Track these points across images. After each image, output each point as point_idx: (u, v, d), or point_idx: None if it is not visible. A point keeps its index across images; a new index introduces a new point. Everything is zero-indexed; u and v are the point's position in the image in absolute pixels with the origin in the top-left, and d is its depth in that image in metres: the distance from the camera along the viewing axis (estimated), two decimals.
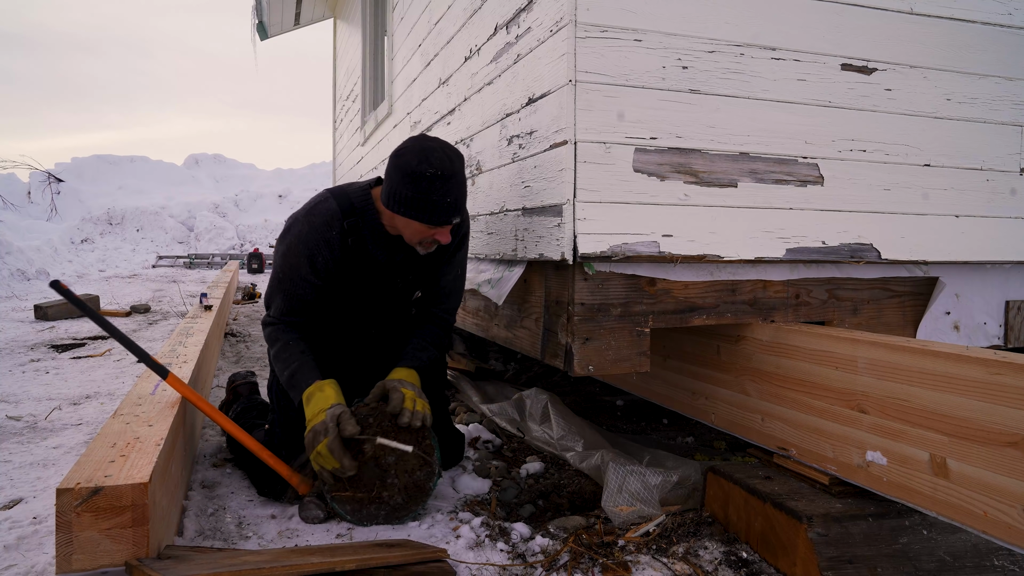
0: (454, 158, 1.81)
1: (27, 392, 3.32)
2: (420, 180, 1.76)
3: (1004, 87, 2.15)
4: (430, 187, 1.77)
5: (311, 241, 1.93)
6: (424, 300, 2.17)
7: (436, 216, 1.81)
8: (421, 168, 1.76)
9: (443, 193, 1.78)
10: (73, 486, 1.31)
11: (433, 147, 1.80)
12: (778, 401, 1.80)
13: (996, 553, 1.51)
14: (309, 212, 1.97)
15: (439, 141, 1.84)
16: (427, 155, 1.78)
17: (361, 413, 1.85)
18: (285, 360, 1.93)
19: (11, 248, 9.18)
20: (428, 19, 3.14)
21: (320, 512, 1.83)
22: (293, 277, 1.95)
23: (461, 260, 2.15)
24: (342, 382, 2.09)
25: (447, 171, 1.77)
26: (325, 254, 1.94)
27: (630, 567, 1.59)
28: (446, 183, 1.78)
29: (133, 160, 18.11)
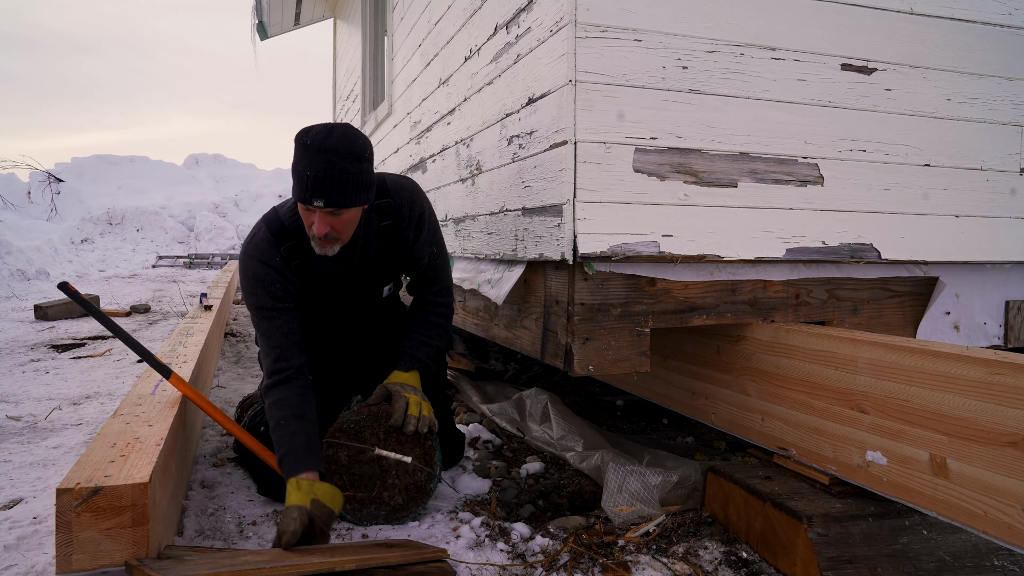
0: (336, 134, 1.67)
1: (27, 392, 3.32)
2: (297, 149, 1.68)
3: (1004, 87, 2.15)
4: (301, 156, 1.67)
5: (260, 275, 1.86)
6: (411, 286, 2.13)
7: (298, 190, 1.68)
8: (300, 137, 1.68)
9: (305, 164, 1.66)
10: (73, 486, 1.31)
11: (325, 124, 1.70)
12: (778, 401, 1.80)
13: (996, 553, 1.51)
14: (247, 248, 1.90)
15: (343, 124, 1.73)
16: (312, 127, 1.69)
17: (363, 415, 1.85)
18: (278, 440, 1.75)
19: (11, 248, 9.18)
20: (428, 19, 3.14)
21: None
22: (263, 313, 1.87)
23: (429, 241, 2.04)
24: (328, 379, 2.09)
25: (316, 143, 1.65)
26: (279, 280, 1.87)
27: (630, 567, 1.59)
28: (312, 155, 1.65)
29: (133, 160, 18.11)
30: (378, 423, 1.84)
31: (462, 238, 2.64)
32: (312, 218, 1.74)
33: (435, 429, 1.88)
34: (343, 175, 1.67)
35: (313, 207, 1.69)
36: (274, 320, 1.87)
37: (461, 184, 2.66)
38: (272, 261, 1.87)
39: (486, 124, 2.33)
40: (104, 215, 14.37)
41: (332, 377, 2.11)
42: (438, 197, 3.02)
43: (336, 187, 1.67)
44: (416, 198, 2.01)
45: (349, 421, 1.84)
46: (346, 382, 2.14)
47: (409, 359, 2.01)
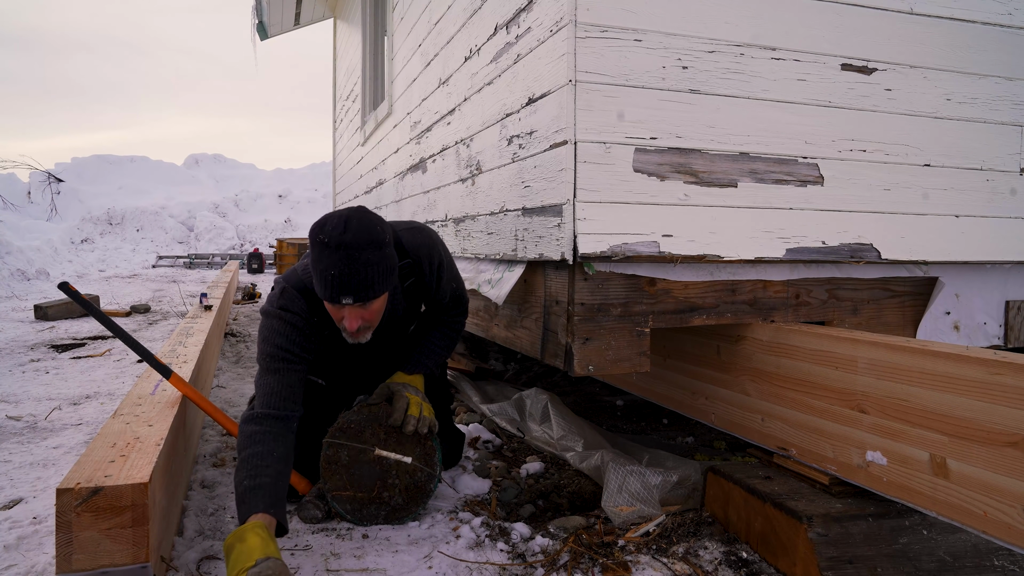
0: (352, 227, 1.60)
1: (27, 392, 3.32)
2: (314, 246, 1.62)
3: (1004, 87, 2.15)
4: (320, 255, 1.61)
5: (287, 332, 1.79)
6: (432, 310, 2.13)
7: (322, 288, 1.64)
8: (316, 232, 1.62)
9: (328, 264, 1.60)
10: (73, 486, 1.31)
11: (338, 214, 1.64)
12: (778, 401, 1.80)
13: (996, 553, 1.51)
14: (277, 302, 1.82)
15: (357, 210, 1.67)
16: (324, 221, 1.63)
17: (363, 414, 1.85)
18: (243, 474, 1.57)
19: (11, 248, 9.18)
20: (428, 19, 3.14)
21: (319, 512, 1.83)
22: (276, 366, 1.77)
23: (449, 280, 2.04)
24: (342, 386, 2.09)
25: (334, 241, 1.59)
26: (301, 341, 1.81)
27: (630, 567, 1.59)
28: (332, 253, 1.59)
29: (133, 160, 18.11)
30: (378, 423, 1.85)
31: (462, 238, 2.64)
32: (341, 313, 1.70)
33: (435, 430, 1.88)
34: (367, 268, 1.62)
35: (342, 304, 1.66)
36: (281, 375, 1.78)
37: (461, 184, 2.66)
38: (300, 324, 1.80)
39: (486, 124, 2.33)
40: (104, 215, 14.36)
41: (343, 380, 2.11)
42: (438, 197, 3.02)
43: (362, 282, 1.63)
44: (434, 251, 1.98)
45: (350, 421, 1.84)
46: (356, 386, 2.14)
47: (416, 364, 2.02)
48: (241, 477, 1.55)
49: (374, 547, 1.69)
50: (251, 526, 1.42)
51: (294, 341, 1.78)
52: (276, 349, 1.78)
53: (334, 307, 1.69)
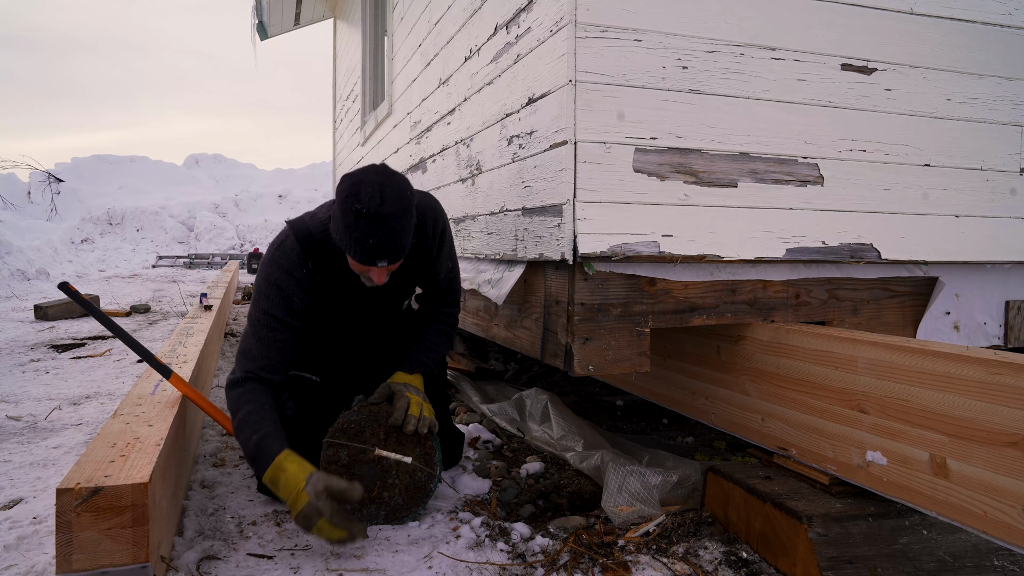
0: (387, 197, 1.66)
1: (27, 392, 3.32)
2: (347, 213, 1.66)
3: (1004, 87, 2.15)
4: (355, 223, 1.66)
5: (283, 283, 1.86)
6: (424, 296, 2.16)
7: (360, 255, 1.70)
8: (349, 202, 1.66)
9: (366, 232, 1.66)
10: (73, 486, 1.31)
11: (370, 181, 1.68)
12: (778, 401, 1.80)
13: (996, 553, 1.51)
14: (275, 254, 1.89)
15: (386, 175, 1.71)
16: (358, 189, 1.66)
17: (363, 414, 1.85)
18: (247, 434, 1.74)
19: (11, 248, 9.18)
20: (428, 19, 3.14)
21: None
22: (271, 324, 1.86)
23: (447, 256, 2.08)
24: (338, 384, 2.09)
25: (373, 210, 1.64)
26: (299, 294, 1.87)
27: (630, 567, 1.59)
28: (371, 223, 1.65)
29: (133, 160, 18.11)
30: (378, 423, 1.85)
31: (462, 238, 2.64)
32: (366, 269, 1.77)
33: (435, 430, 1.88)
34: (402, 234, 1.71)
35: (377, 267, 1.73)
36: (277, 333, 1.86)
37: (461, 184, 2.66)
38: (298, 273, 1.86)
39: (486, 124, 2.33)
40: (104, 215, 14.36)
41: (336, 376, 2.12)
42: (438, 197, 3.02)
43: (398, 246, 1.72)
44: (439, 215, 2.03)
45: (350, 421, 1.84)
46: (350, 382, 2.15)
47: (415, 363, 2.02)
48: (248, 435, 1.72)
49: (374, 547, 1.69)
50: (285, 455, 1.67)
51: (281, 305, 1.86)
52: (263, 315, 1.86)
53: (363, 265, 1.76)
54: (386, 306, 2.08)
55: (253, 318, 1.88)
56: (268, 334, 1.86)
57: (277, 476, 1.65)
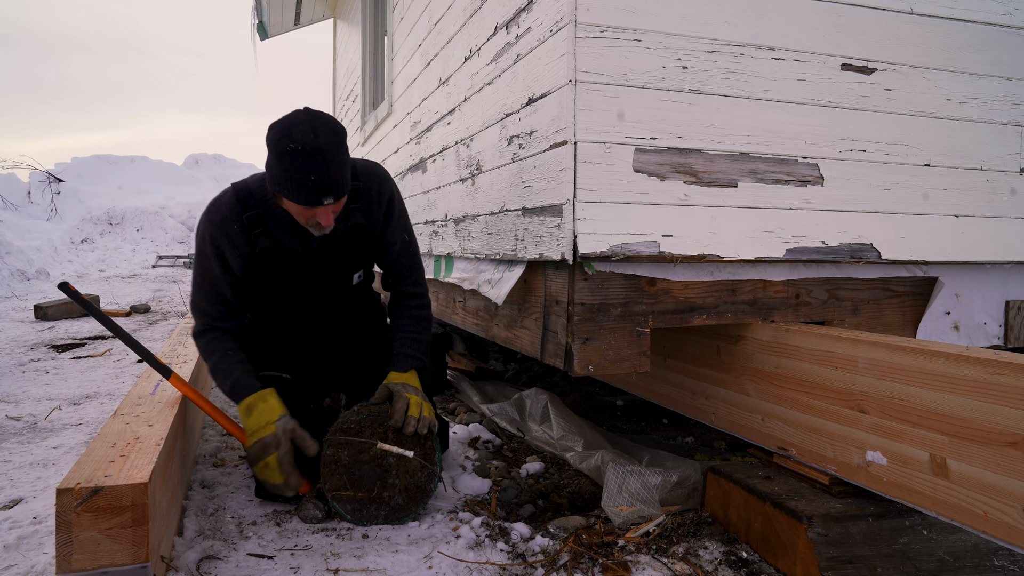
0: (320, 132, 1.66)
1: (27, 392, 3.32)
2: (283, 156, 1.67)
3: (1004, 87, 2.15)
4: (293, 163, 1.66)
5: (216, 239, 1.87)
6: (386, 280, 2.13)
7: (302, 195, 1.69)
8: (283, 143, 1.66)
9: (306, 170, 1.65)
10: (73, 486, 1.31)
11: (299, 120, 1.68)
12: (778, 401, 1.80)
13: (996, 553, 1.51)
14: (209, 211, 1.91)
15: (312, 113, 1.72)
16: (289, 130, 1.66)
17: (363, 414, 1.85)
18: (224, 371, 1.87)
19: (11, 248, 9.19)
20: (428, 19, 3.14)
21: (318, 512, 1.83)
22: (211, 280, 1.90)
23: (399, 227, 2.06)
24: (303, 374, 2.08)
25: (309, 146, 1.64)
26: (231, 251, 1.88)
27: (630, 567, 1.59)
28: (309, 160, 1.65)
29: (133, 160, 18.10)
30: (378, 423, 1.85)
31: (462, 238, 2.64)
32: (312, 213, 1.77)
33: (435, 430, 1.88)
34: (341, 166, 1.72)
35: (324, 205, 1.73)
36: (218, 288, 1.92)
37: (461, 184, 2.66)
38: (231, 228, 1.87)
39: (486, 124, 2.33)
40: (104, 215, 14.36)
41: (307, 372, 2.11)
42: (438, 197, 3.02)
43: (339, 181, 1.73)
44: (385, 183, 2.03)
45: (349, 421, 1.84)
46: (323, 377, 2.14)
47: (404, 358, 2.01)
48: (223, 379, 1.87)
49: (374, 547, 1.69)
50: (269, 392, 1.81)
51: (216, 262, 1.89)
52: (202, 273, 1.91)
53: (309, 209, 1.76)
54: (331, 276, 2.03)
55: (195, 276, 1.94)
56: (211, 291, 1.93)
57: (256, 403, 1.78)
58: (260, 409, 1.78)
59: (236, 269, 1.90)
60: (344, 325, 2.14)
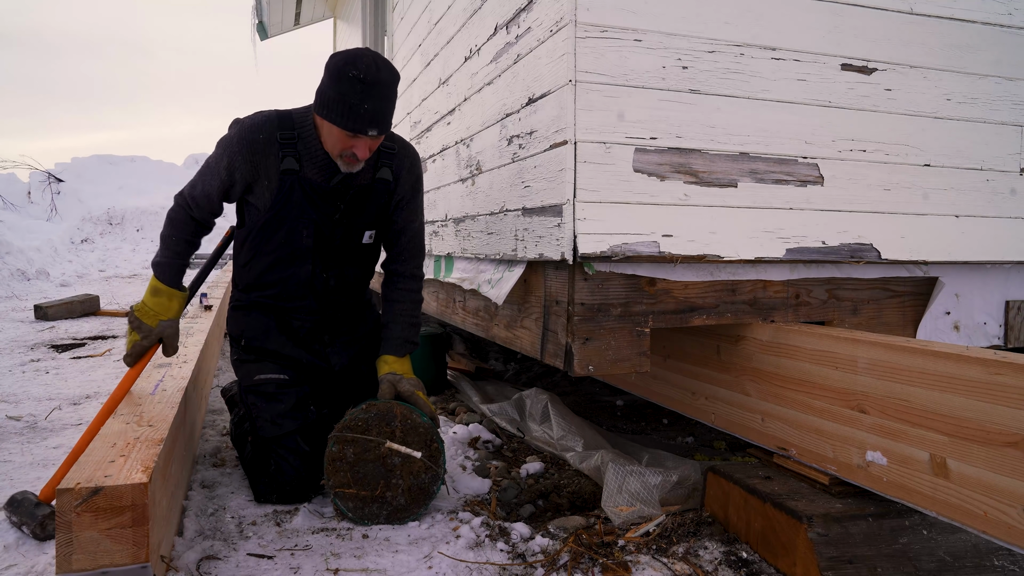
0: (382, 67, 1.77)
1: (27, 392, 3.32)
2: (342, 81, 1.75)
3: (1004, 87, 2.15)
4: (350, 89, 1.74)
5: (236, 144, 1.93)
6: (394, 258, 2.13)
7: (352, 121, 1.77)
8: (345, 69, 1.74)
9: (361, 98, 1.74)
10: (73, 486, 1.31)
11: (364, 54, 1.77)
12: (778, 401, 1.80)
13: (996, 553, 1.51)
14: (246, 119, 1.99)
15: (375, 52, 1.81)
16: (354, 59, 1.75)
17: (371, 413, 1.85)
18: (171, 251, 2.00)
19: (11, 248, 9.18)
20: (428, 19, 3.14)
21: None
22: (211, 167, 1.97)
23: (419, 207, 2.13)
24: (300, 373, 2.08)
25: (370, 77, 1.73)
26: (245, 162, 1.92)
27: (630, 567, 1.59)
28: (367, 88, 1.74)
29: (133, 160, 18.09)
30: (385, 422, 1.85)
31: (462, 238, 2.64)
32: (352, 143, 1.83)
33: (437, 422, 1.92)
34: (391, 105, 1.82)
35: (367, 135, 1.79)
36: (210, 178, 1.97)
37: (461, 184, 2.66)
38: (260, 137, 1.91)
39: (486, 124, 2.33)
40: (104, 215, 14.35)
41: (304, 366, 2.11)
42: (438, 197, 3.02)
43: (387, 116, 1.81)
44: (418, 161, 2.11)
45: (356, 419, 1.85)
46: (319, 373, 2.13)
47: (402, 343, 2.03)
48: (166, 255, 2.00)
49: (374, 547, 1.69)
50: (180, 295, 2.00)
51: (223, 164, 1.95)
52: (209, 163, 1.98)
53: (351, 137, 1.82)
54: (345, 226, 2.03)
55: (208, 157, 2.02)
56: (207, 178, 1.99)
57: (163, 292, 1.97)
58: (162, 300, 1.96)
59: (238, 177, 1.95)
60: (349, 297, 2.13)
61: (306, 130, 1.92)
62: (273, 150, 1.91)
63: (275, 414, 1.98)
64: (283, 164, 1.92)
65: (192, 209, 2.01)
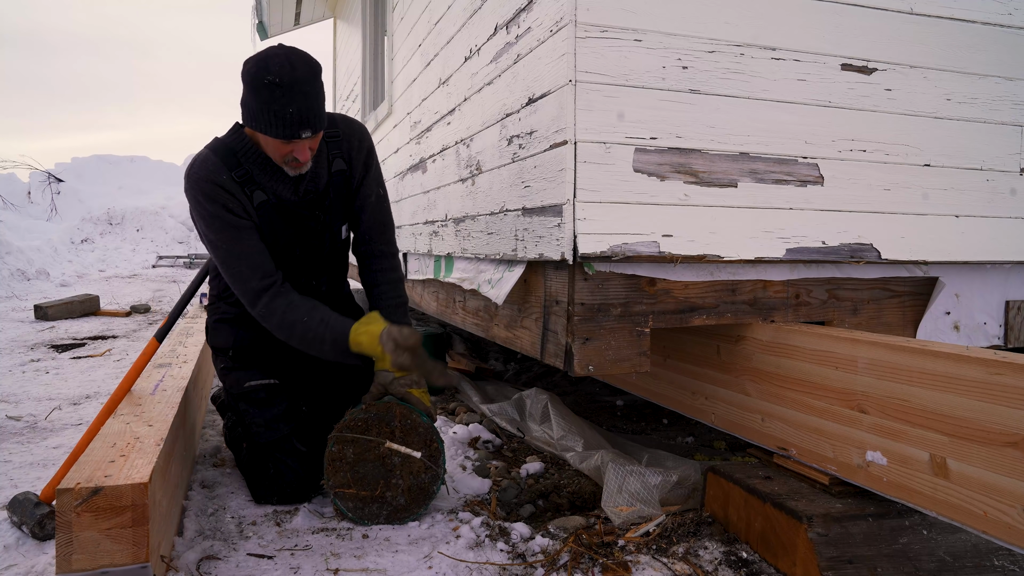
0: (297, 65, 1.67)
1: (27, 392, 3.32)
2: (260, 89, 1.67)
3: (1004, 87, 2.15)
4: (271, 96, 1.65)
5: (211, 194, 1.81)
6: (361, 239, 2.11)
7: (282, 129, 1.69)
8: (260, 77, 1.66)
9: (284, 102, 1.66)
10: (73, 486, 1.31)
11: (275, 54, 1.68)
12: (778, 401, 1.80)
13: (996, 553, 1.51)
14: (192, 171, 1.84)
15: (287, 48, 1.72)
16: (267, 62, 1.66)
17: (371, 413, 1.85)
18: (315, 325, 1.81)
19: (11, 248, 9.18)
20: (428, 19, 3.14)
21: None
22: (235, 235, 1.81)
23: (376, 180, 2.07)
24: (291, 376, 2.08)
25: (287, 79, 1.65)
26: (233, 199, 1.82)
27: (630, 567, 1.59)
28: (287, 91, 1.65)
29: (133, 160, 18.08)
30: (385, 422, 1.85)
31: (462, 238, 2.64)
32: (290, 148, 1.76)
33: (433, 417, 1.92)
34: (318, 99, 1.73)
35: (302, 139, 1.73)
36: (243, 239, 1.82)
37: (461, 184, 2.66)
38: (220, 179, 1.82)
39: (486, 124, 2.33)
40: (104, 215, 14.35)
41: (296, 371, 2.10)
42: (438, 197, 3.02)
43: (317, 114, 1.73)
44: (365, 134, 2.05)
45: (356, 419, 1.85)
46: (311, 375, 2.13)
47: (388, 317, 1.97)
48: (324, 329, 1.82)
49: (374, 547, 1.69)
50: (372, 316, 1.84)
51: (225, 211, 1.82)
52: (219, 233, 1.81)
53: (286, 144, 1.75)
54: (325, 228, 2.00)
55: (214, 243, 1.82)
56: (236, 246, 1.82)
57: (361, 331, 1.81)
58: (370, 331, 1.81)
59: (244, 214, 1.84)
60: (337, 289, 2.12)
61: (249, 153, 1.85)
62: (238, 189, 1.85)
63: (269, 419, 1.98)
64: (255, 199, 1.86)
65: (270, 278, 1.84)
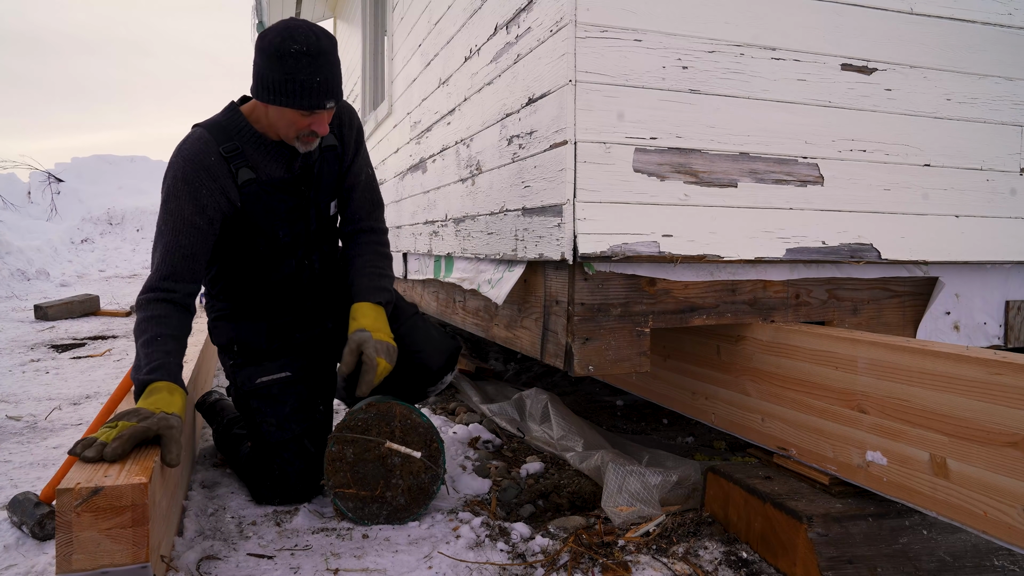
0: (321, 35, 1.68)
1: (27, 392, 3.32)
2: (285, 59, 1.64)
3: (1004, 87, 2.15)
4: (296, 65, 1.63)
5: (191, 176, 1.74)
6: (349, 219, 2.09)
7: (308, 99, 1.67)
8: (285, 45, 1.63)
9: (311, 71, 1.64)
10: (73, 486, 1.31)
11: (298, 25, 1.68)
12: (778, 401, 1.80)
13: (996, 553, 1.51)
14: (179, 150, 1.79)
15: (306, 21, 1.73)
16: (291, 32, 1.65)
17: (371, 413, 1.85)
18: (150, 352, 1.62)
19: (11, 248, 9.18)
20: (428, 19, 3.14)
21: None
22: (176, 224, 1.73)
23: (365, 160, 2.07)
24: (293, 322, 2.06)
25: (313, 48, 1.64)
26: (210, 188, 1.77)
27: (630, 567, 1.59)
28: (314, 60, 1.64)
29: (133, 160, 18.08)
30: (385, 422, 1.85)
31: (462, 238, 2.64)
32: (309, 121, 1.75)
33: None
34: (339, 69, 1.75)
35: (325, 108, 1.73)
36: (182, 237, 1.74)
37: (461, 184, 2.66)
38: (208, 162, 1.77)
39: (486, 124, 2.33)
40: (104, 215, 14.35)
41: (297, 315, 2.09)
42: (438, 197, 3.02)
43: (340, 83, 1.75)
44: (355, 114, 2.05)
45: (356, 419, 1.85)
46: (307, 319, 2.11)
47: (376, 290, 1.94)
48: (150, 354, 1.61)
49: (374, 547, 1.69)
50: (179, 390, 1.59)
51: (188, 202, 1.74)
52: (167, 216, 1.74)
53: (307, 116, 1.74)
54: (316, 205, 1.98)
55: (159, 225, 1.76)
56: (172, 239, 1.73)
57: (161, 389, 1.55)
58: (161, 396, 1.53)
59: (212, 211, 1.77)
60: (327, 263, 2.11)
61: (243, 131, 1.83)
62: (224, 168, 1.81)
63: (281, 417, 1.97)
64: (239, 177, 1.82)
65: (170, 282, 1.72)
